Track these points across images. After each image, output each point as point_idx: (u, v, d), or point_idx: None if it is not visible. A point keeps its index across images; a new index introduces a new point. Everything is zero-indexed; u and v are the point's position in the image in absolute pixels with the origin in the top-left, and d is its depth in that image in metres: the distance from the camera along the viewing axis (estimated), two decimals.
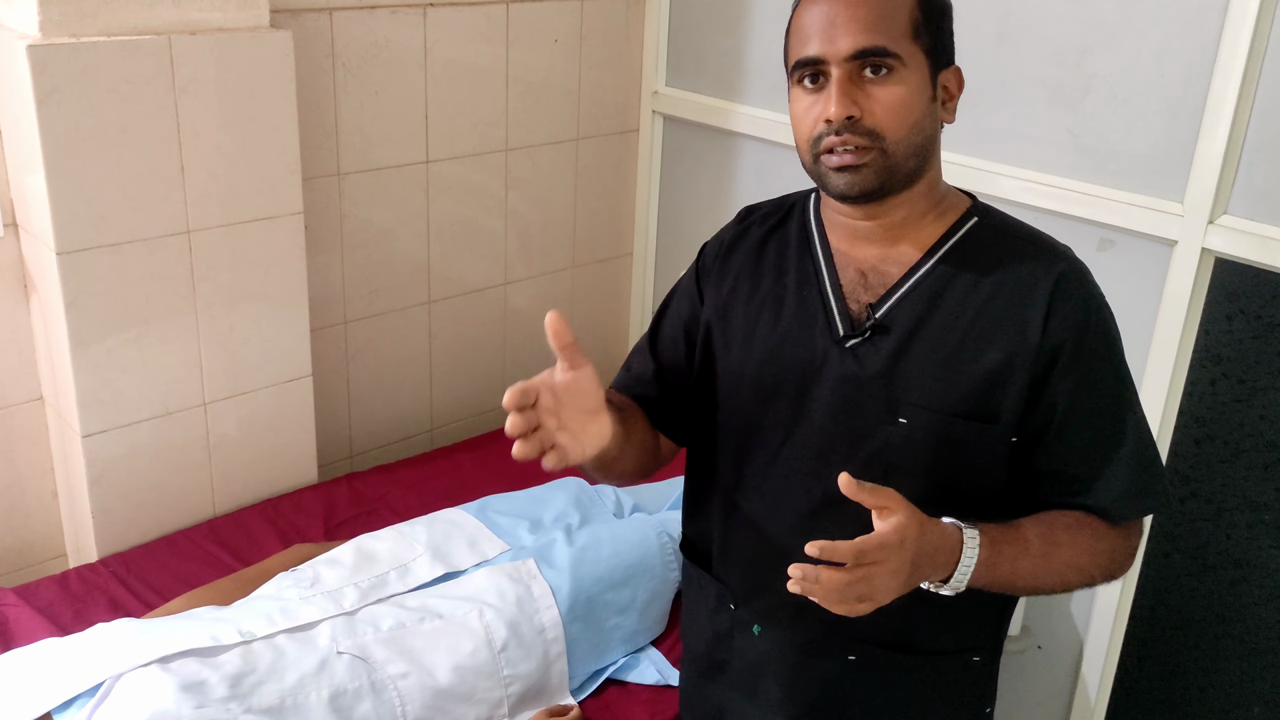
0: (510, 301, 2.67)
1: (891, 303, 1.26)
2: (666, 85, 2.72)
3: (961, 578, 1.17)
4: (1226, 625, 1.99)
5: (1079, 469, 1.25)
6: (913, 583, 1.15)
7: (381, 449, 2.53)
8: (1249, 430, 1.88)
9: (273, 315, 2.11)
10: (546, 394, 1.16)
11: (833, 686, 1.35)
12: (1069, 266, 1.24)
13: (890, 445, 1.23)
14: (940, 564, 1.16)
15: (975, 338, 1.22)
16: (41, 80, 1.73)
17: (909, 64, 1.19)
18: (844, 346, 1.26)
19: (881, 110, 1.18)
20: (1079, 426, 1.23)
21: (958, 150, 2.14)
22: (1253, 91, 1.74)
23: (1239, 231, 1.78)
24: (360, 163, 2.30)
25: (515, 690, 1.66)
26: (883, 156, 1.20)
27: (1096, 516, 1.26)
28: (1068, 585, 1.27)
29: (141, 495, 2.03)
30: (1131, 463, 1.25)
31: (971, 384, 1.22)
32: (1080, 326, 1.22)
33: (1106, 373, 1.25)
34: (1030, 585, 1.24)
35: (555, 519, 1.95)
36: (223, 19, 1.91)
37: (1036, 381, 1.22)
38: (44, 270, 1.88)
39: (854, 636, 1.31)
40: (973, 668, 1.37)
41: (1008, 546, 1.20)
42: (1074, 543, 1.24)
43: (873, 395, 1.25)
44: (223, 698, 1.46)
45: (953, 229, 1.28)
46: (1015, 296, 1.22)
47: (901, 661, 1.32)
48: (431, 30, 2.32)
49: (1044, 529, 1.24)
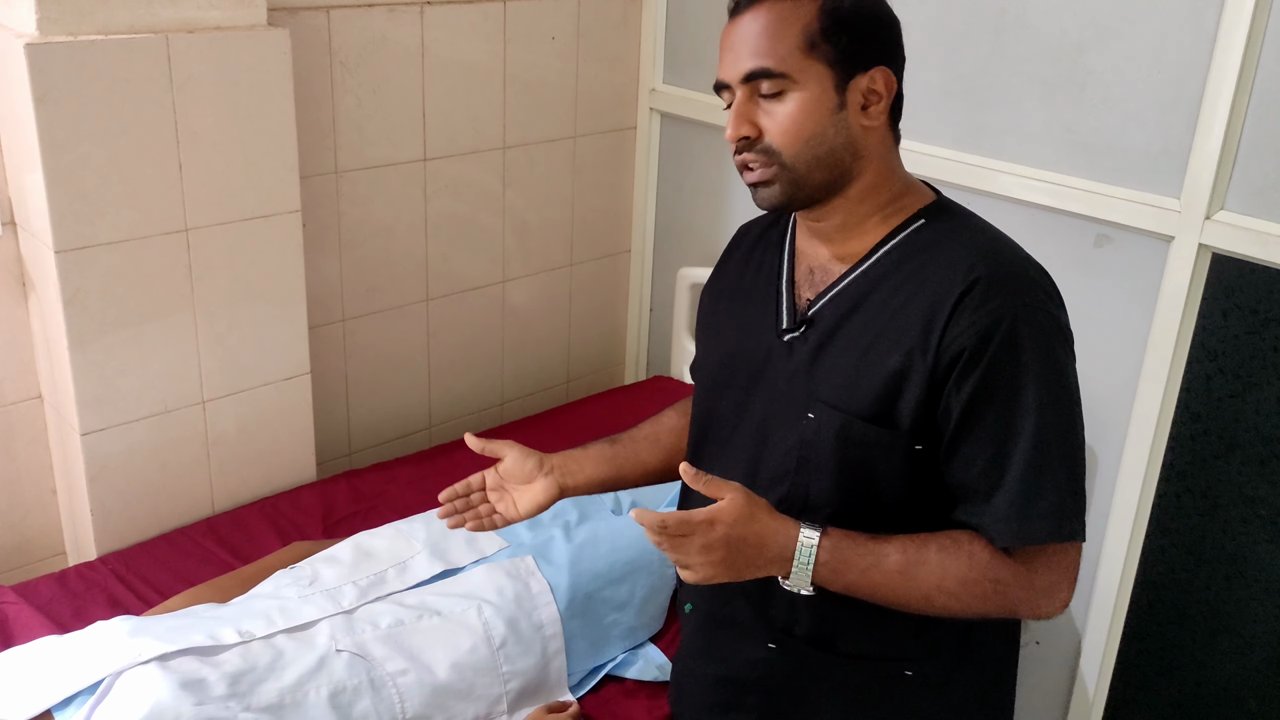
0: (508, 299, 2.68)
1: (824, 300, 1.29)
2: (664, 83, 2.72)
3: (802, 576, 1.21)
4: (1222, 620, 2.00)
5: (973, 483, 1.21)
6: (740, 567, 1.20)
7: (380, 446, 2.54)
8: (1244, 425, 1.88)
9: (271, 313, 2.11)
10: (491, 476, 1.54)
11: (757, 670, 1.39)
12: (990, 273, 1.19)
13: (804, 440, 1.26)
14: (773, 558, 1.21)
15: (884, 341, 1.23)
16: (39, 79, 1.73)
17: (801, 80, 1.21)
18: (783, 340, 1.31)
19: (775, 128, 1.22)
20: (972, 439, 1.20)
21: (954, 147, 2.14)
22: (1249, 87, 1.75)
23: (1235, 227, 1.78)
24: (358, 160, 2.30)
25: (514, 687, 1.66)
26: (784, 171, 1.23)
27: (984, 541, 1.21)
28: (943, 609, 1.22)
29: (140, 493, 2.03)
30: (1016, 485, 1.18)
31: (874, 387, 1.23)
32: (983, 335, 1.17)
33: (1009, 387, 1.18)
34: (893, 601, 1.23)
35: (553, 516, 1.95)
36: (220, 17, 1.91)
37: (934, 388, 1.20)
38: (42, 268, 1.89)
39: (772, 625, 1.36)
40: (908, 683, 1.33)
41: (858, 557, 1.20)
42: (942, 565, 1.20)
43: (796, 389, 1.28)
44: (222, 696, 1.46)
45: (896, 230, 1.28)
46: (928, 302, 1.21)
47: (823, 660, 1.34)
48: (429, 28, 2.32)
49: (915, 546, 1.21)
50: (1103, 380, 1.98)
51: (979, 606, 1.22)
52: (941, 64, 2.13)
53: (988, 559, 1.21)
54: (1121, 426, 1.97)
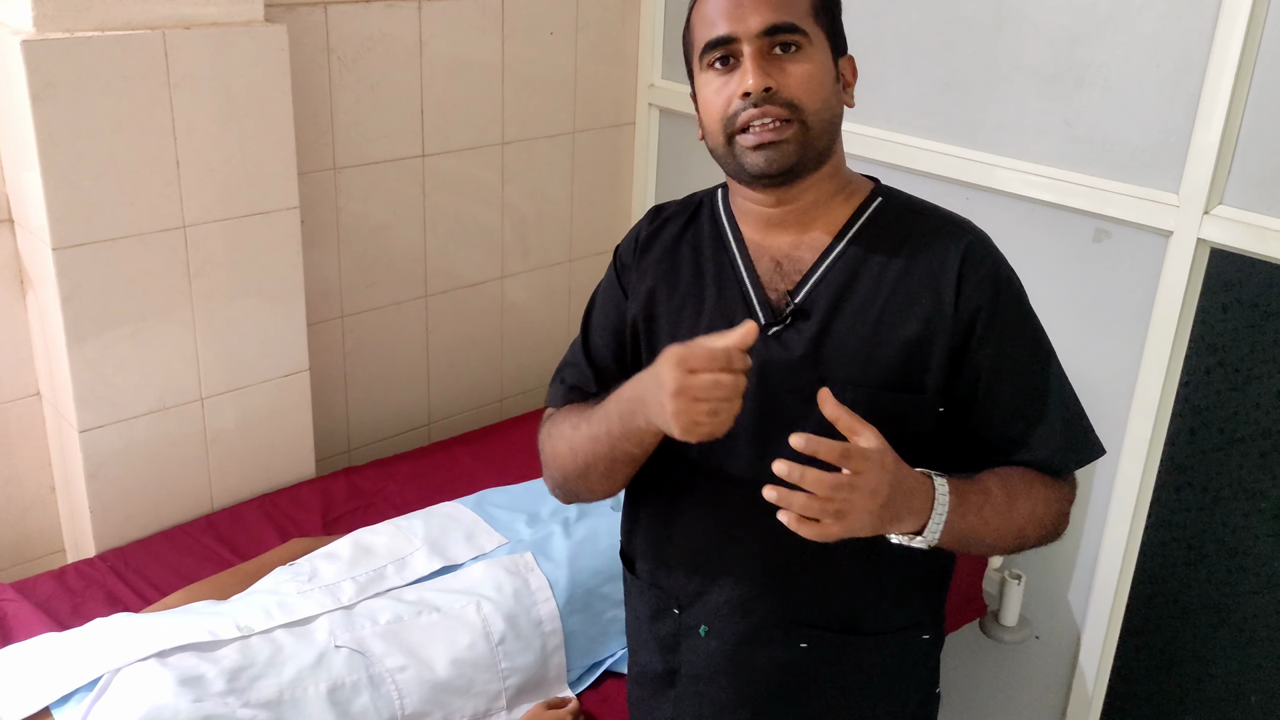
0: (507, 295, 2.67)
1: (809, 287, 1.28)
2: (663, 78, 2.72)
3: (936, 527, 1.17)
4: (1223, 614, 1.99)
5: (1014, 428, 1.28)
6: (886, 519, 1.13)
7: (379, 443, 2.54)
8: (1244, 419, 1.88)
9: (269, 310, 2.11)
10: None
11: (785, 676, 1.34)
12: (974, 237, 1.28)
13: (824, 425, 1.20)
14: (915, 509, 1.16)
15: (893, 312, 1.25)
16: (36, 76, 1.72)
17: (815, 43, 1.23)
18: (767, 335, 1.28)
19: (796, 83, 1.21)
20: (1007, 387, 1.26)
21: (952, 141, 2.14)
22: (1247, 81, 1.74)
23: (1234, 222, 1.78)
24: (356, 157, 2.30)
25: (513, 683, 1.66)
26: (803, 130, 1.22)
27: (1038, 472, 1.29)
28: (1023, 540, 1.27)
29: (139, 490, 2.03)
30: (1062, 416, 1.28)
31: (893, 357, 1.24)
32: (993, 292, 1.25)
33: (1024, 333, 1.28)
34: (993, 538, 1.24)
35: (553, 512, 1.95)
36: (217, 13, 1.91)
37: (957, 350, 1.25)
38: (40, 266, 1.88)
39: (802, 621, 1.32)
40: (921, 646, 1.39)
41: (973, 495, 1.21)
42: (1030, 492, 1.26)
43: (802, 378, 1.26)
44: (221, 692, 1.46)
45: (859, 210, 1.30)
46: (927, 270, 1.25)
47: (853, 643, 1.33)
48: (427, 23, 2.32)
49: (1000, 480, 1.25)
50: (1102, 375, 1.98)
51: (1052, 529, 1.29)
52: (939, 58, 2.13)
53: (1053, 482, 1.29)
54: (1121, 420, 1.97)
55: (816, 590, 1.31)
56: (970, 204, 2.08)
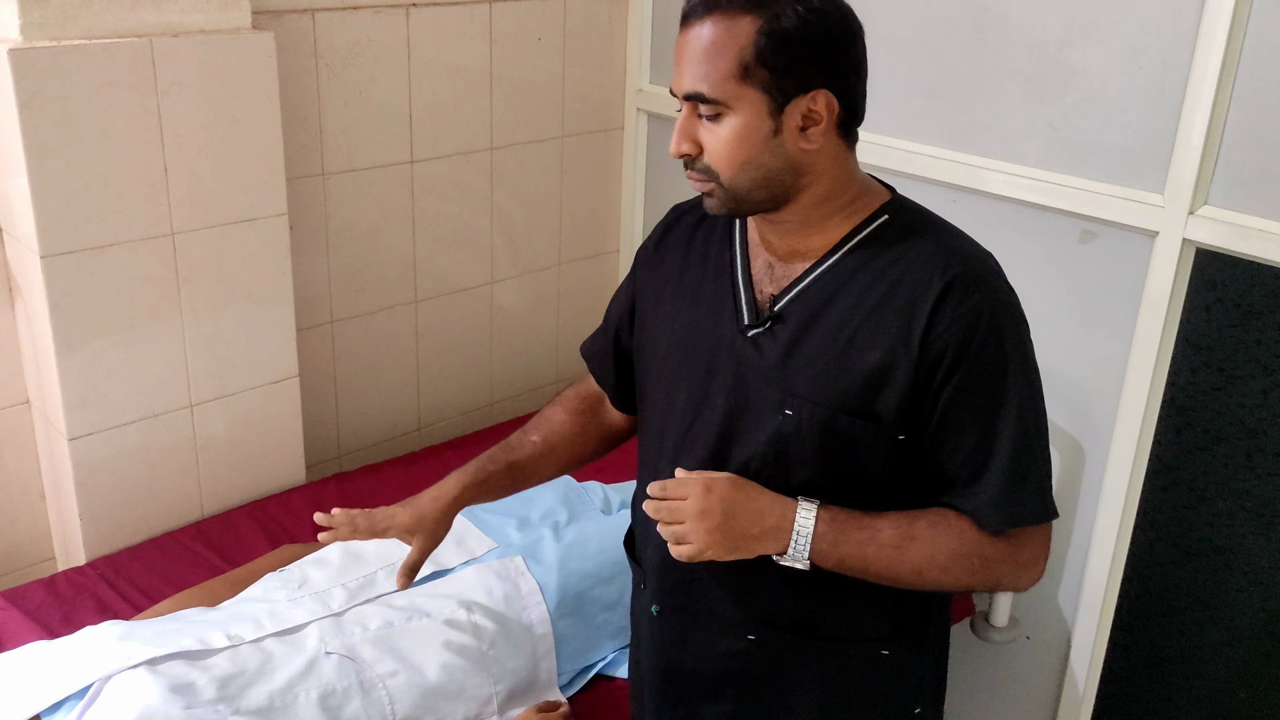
0: (496, 299, 2.68)
1: (791, 295, 1.29)
2: (650, 83, 2.72)
3: (800, 550, 1.22)
4: (1210, 612, 2.00)
5: (957, 472, 1.25)
6: (734, 539, 1.22)
7: (369, 449, 2.54)
8: (1229, 418, 1.89)
9: (258, 316, 2.11)
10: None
11: (735, 665, 1.38)
12: (965, 270, 1.22)
13: (782, 434, 1.27)
14: (770, 528, 1.23)
15: (864, 337, 1.24)
16: (23, 84, 1.72)
17: (736, 106, 1.20)
18: (746, 335, 1.30)
19: (712, 150, 1.23)
20: (956, 430, 1.24)
21: (938, 144, 2.15)
22: (1231, 82, 1.75)
23: (1219, 222, 1.79)
24: (345, 163, 2.30)
25: (504, 687, 1.67)
26: (722, 189, 1.25)
27: (970, 520, 1.26)
28: (930, 583, 1.26)
29: (129, 497, 2.03)
30: (1003, 472, 1.23)
31: (855, 381, 1.24)
32: (966, 332, 1.20)
33: (994, 379, 1.23)
34: (884, 574, 1.25)
35: (543, 516, 1.95)
36: (204, 21, 1.91)
37: (920, 384, 1.22)
38: (28, 274, 1.88)
39: (751, 615, 1.35)
40: (884, 662, 1.36)
41: (855, 530, 1.23)
42: (933, 540, 1.24)
43: (768, 384, 1.28)
44: (211, 699, 1.46)
45: (860, 226, 1.29)
46: (907, 298, 1.23)
47: (804, 646, 1.35)
48: (414, 30, 2.32)
49: (905, 522, 1.25)
50: (1089, 376, 1.99)
51: (966, 580, 1.27)
52: (924, 61, 2.14)
53: (976, 535, 1.25)
54: (1108, 421, 1.98)
55: (767, 587, 1.33)
56: (957, 206, 2.09)
